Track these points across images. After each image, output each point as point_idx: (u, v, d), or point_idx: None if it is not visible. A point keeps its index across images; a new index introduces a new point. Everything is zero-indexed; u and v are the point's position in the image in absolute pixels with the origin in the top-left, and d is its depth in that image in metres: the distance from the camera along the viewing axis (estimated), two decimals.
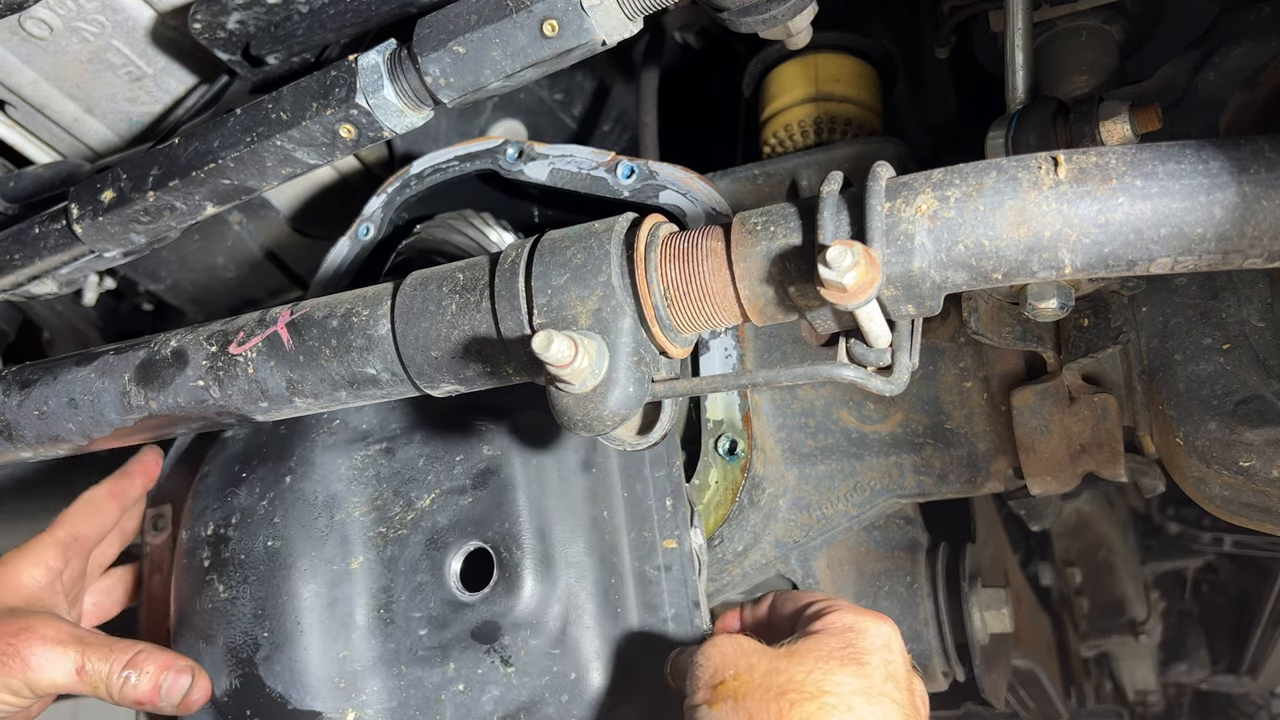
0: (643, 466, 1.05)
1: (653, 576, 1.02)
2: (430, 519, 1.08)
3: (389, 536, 1.09)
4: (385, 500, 1.11)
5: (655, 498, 1.04)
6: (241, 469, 1.18)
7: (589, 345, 0.79)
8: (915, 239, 0.74)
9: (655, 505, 1.04)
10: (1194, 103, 1.02)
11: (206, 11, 1.11)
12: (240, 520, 1.14)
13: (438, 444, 1.11)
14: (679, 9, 1.54)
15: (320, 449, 1.15)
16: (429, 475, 1.10)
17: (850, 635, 0.85)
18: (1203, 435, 0.95)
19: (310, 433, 1.17)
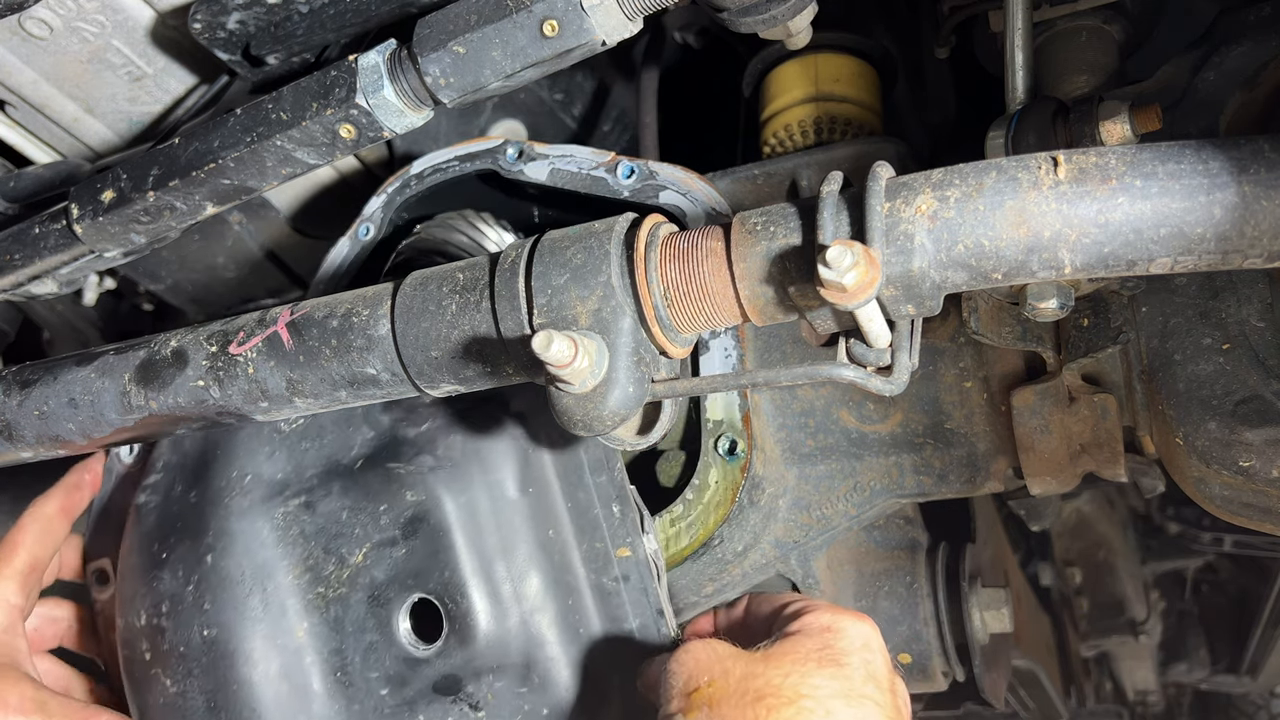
0: (582, 473, 1.01)
1: (611, 588, 0.99)
2: (367, 575, 1.02)
3: (329, 597, 1.04)
4: (316, 559, 1.05)
5: (601, 505, 1.00)
6: (160, 548, 1.11)
7: (589, 345, 0.79)
8: (915, 239, 0.74)
9: (602, 514, 1.00)
10: (1194, 103, 1.02)
11: (206, 11, 1.11)
12: (171, 609, 1.07)
13: (357, 494, 1.04)
14: (679, 9, 1.54)
15: (236, 515, 1.07)
16: (355, 529, 1.04)
17: (828, 636, 0.83)
18: (1202, 435, 0.95)
19: (222, 497, 1.09)
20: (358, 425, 1.08)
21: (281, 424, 1.09)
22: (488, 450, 1.02)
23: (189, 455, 1.15)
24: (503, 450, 1.02)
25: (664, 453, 1.19)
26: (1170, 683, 3.62)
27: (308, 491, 1.06)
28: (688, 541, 1.09)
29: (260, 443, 1.10)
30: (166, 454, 1.16)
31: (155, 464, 1.17)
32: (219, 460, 1.11)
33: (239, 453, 1.10)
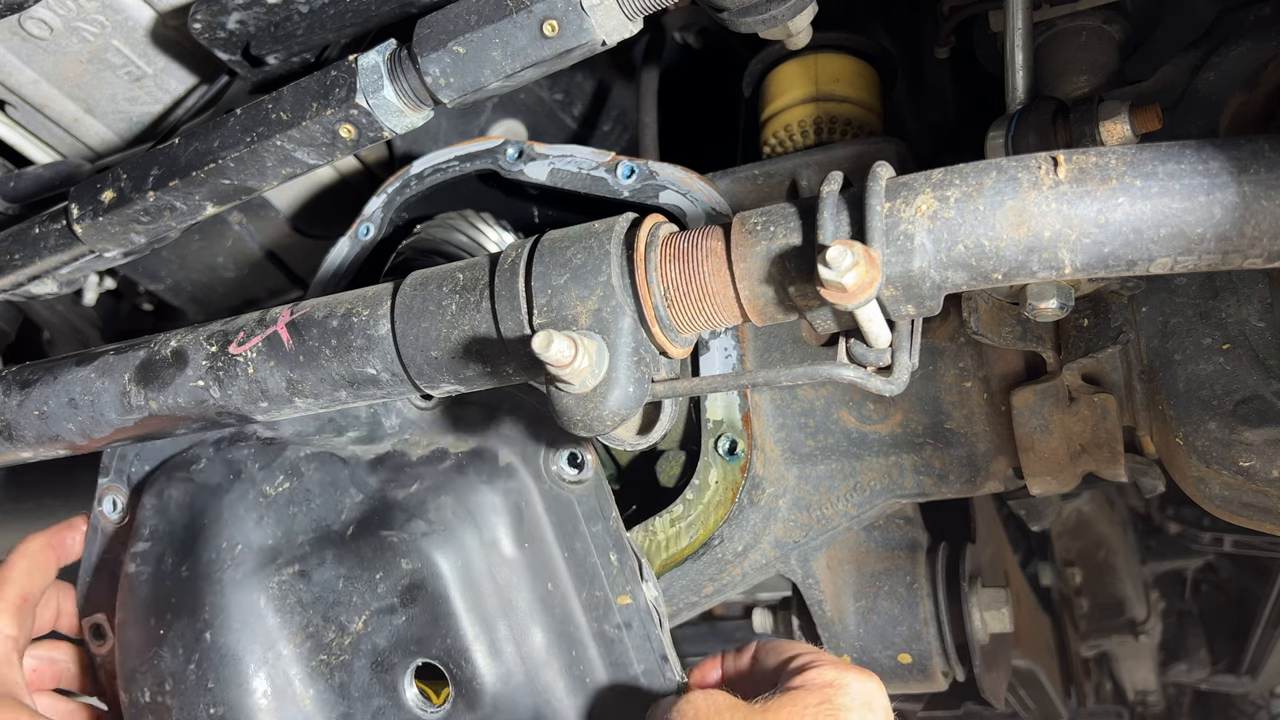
0: (578, 523, 1.00)
1: (614, 635, 0.99)
2: (369, 641, 1.02)
3: (332, 664, 1.03)
4: (316, 627, 1.04)
5: (598, 553, 1.00)
6: (157, 624, 1.09)
7: (589, 345, 0.79)
8: (915, 239, 0.74)
9: (600, 562, 1.00)
10: (1194, 103, 1.02)
11: (206, 11, 1.11)
12: (174, 687, 1.06)
13: (352, 562, 1.03)
14: (679, 9, 1.54)
15: (230, 589, 1.05)
16: (353, 597, 1.03)
17: (829, 691, 0.83)
18: (1202, 435, 0.95)
19: (214, 571, 1.07)
20: (344, 488, 1.07)
21: (266, 488, 1.08)
22: (480, 509, 1.01)
23: (176, 523, 1.12)
24: (495, 507, 1.01)
25: (664, 453, 1.19)
26: (1170, 683, 3.62)
27: (300, 560, 1.05)
28: (688, 541, 1.09)
29: (247, 509, 1.08)
30: (153, 519, 1.14)
31: (142, 529, 1.14)
32: (207, 530, 1.09)
33: (226, 520, 1.08)
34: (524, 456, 1.02)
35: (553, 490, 1.01)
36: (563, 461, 1.01)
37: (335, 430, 1.11)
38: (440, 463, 1.04)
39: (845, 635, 1.24)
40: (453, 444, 1.05)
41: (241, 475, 1.10)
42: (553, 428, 1.00)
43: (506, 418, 1.04)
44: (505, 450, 1.03)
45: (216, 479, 1.11)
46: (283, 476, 1.09)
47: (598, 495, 1.00)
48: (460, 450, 1.04)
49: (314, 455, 1.09)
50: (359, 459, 1.08)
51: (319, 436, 1.11)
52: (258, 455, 1.11)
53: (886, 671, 1.25)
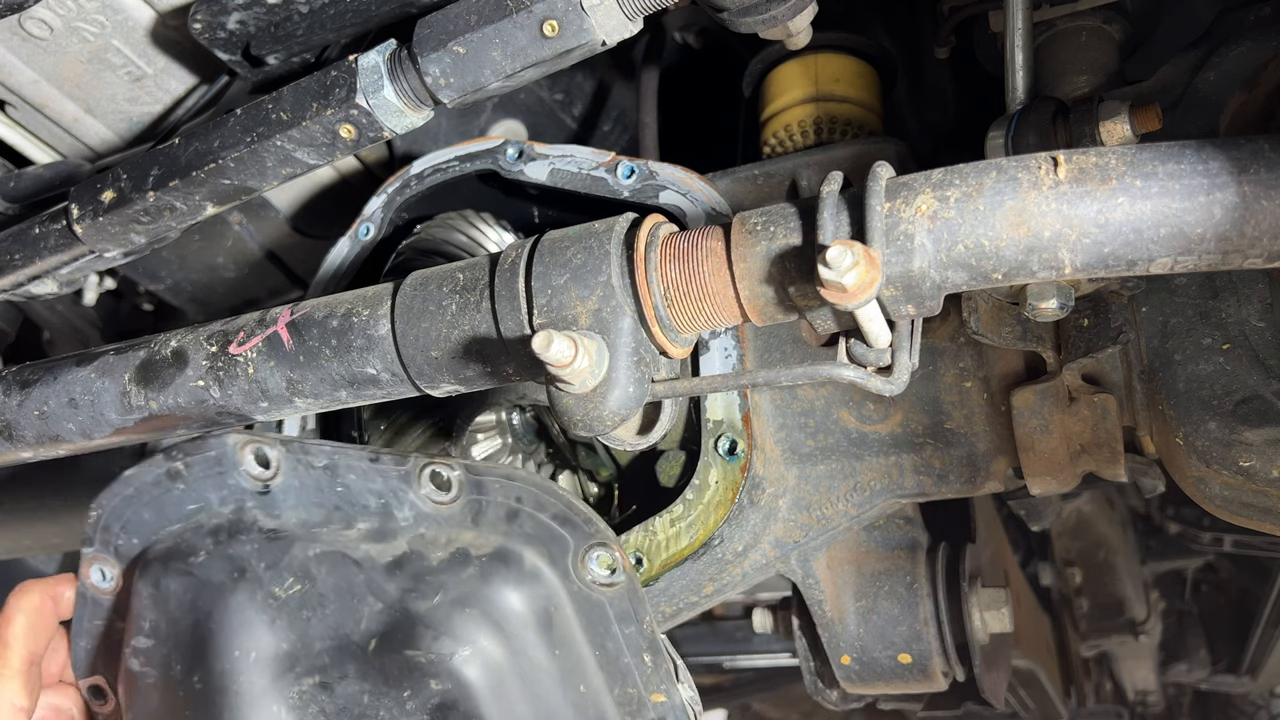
0: (609, 625, 0.97)
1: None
2: None
3: None
4: None
5: (631, 654, 0.97)
6: None
7: (589, 345, 0.79)
8: (915, 239, 0.74)
9: (633, 662, 0.97)
10: (1194, 103, 1.02)
11: (206, 12, 1.11)
12: None
13: (376, 679, 0.99)
14: (679, 9, 1.54)
15: (249, 704, 1.00)
16: (380, 712, 0.99)
17: None
18: (1202, 435, 0.95)
19: (229, 684, 1.01)
20: (361, 595, 1.02)
21: (276, 589, 1.03)
22: (509, 620, 0.96)
23: (179, 623, 1.06)
24: (524, 617, 0.97)
25: (664, 453, 1.19)
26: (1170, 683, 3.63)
27: (321, 671, 1.01)
28: (688, 542, 1.09)
29: (257, 611, 1.03)
30: (152, 613, 1.08)
31: (141, 623, 1.09)
32: (216, 636, 1.03)
33: (236, 627, 1.03)
34: (551, 558, 0.98)
35: (582, 592, 0.98)
36: (593, 564, 0.97)
37: (344, 522, 1.04)
38: (462, 569, 1.00)
39: (845, 635, 1.24)
40: (473, 544, 1.00)
41: (246, 574, 1.04)
42: (580, 526, 0.97)
43: (529, 515, 0.99)
44: (530, 552, 0.99)
45: (220, 576, 1.05)
46: (292, 579, 1.03)
47: (630, 598, 0.97)
48: (482, 553, 0.99)
49: (325, 555, 1.03)
50: (374, 561, 1.02)
51: (327, 530, 1.04)
52: (263, 552, 1.04)
53: (886, 671, 1.25)
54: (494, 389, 1.22)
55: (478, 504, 1.01)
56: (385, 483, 1.02)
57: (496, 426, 1.40)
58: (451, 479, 1.00)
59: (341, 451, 1.03)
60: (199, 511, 1.08)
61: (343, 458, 1.03)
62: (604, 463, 1.34)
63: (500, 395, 1.34)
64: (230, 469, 1.06)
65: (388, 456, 1.02)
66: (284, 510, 1.06)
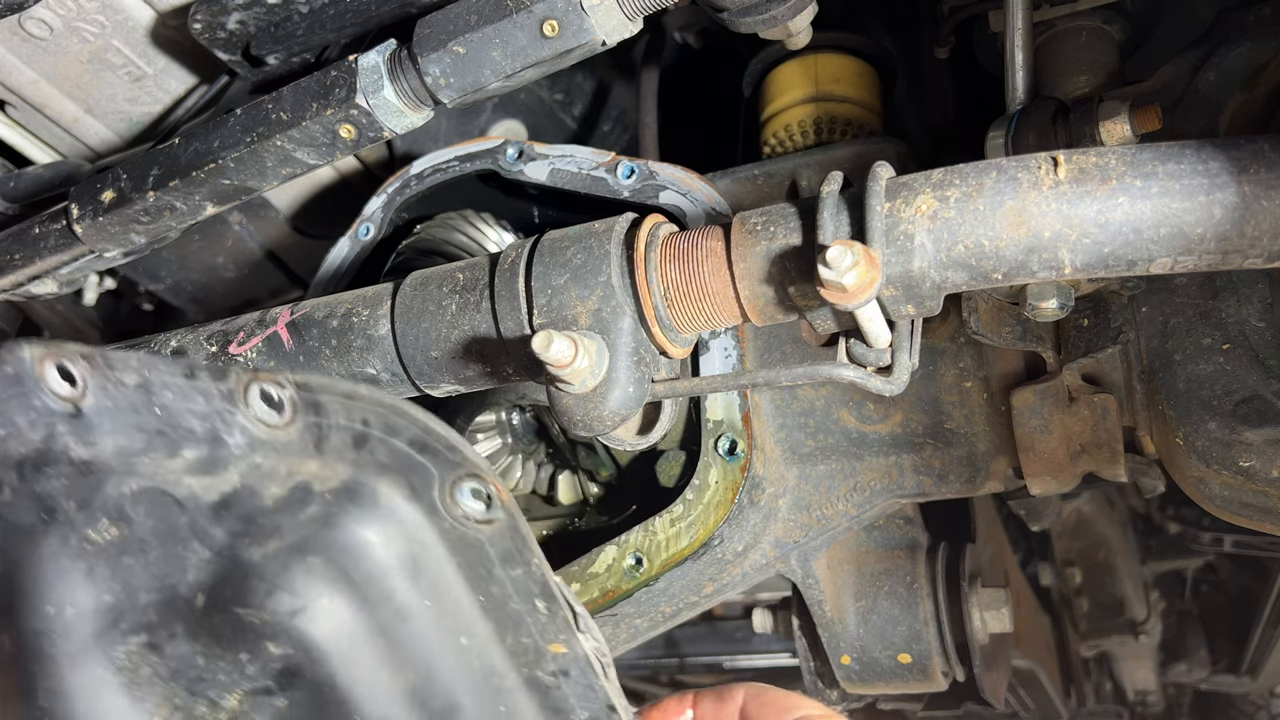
0: (491, 565, 0.84)
1: (550, 682, 0.85)
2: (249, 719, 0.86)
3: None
4: (183, 700, 0.87)
5: (520, 600, 0.84)
6: None
7: (589, 345, 0.79)
8: (915, 239, 0.74)
9: (524, 609, 0.85)
10: (1194, 103, 1.02)
11: (206, 12, 1.11)
12: None
13: (207, 640, 0.85)
14: (679, 9, 1.54)
15: (66, 666, 0.86)
16: (218, 675, 0.85)
17: None
18: (1203, 435, 0.95)
19: (42, 645, 0.87)
20: (185, 541, 0.87)
21: (91, 532, 0.88)
22: (363, 568, 0.82)
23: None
24: (383, 564, 0.82)
25: (664, 453, 1.19)
26: (1170, 683, 3.62)
27: (148, 629, 0.86)
28: (688, 542, 1.09)
29: (71, 559, 0.87)
30: None
31: None
32: (26, 590, 0.88)
33: (48, 577, 0.87)
34: (412, 491, 0.84)
35: (455, 530, 0.84)
36: (464, 496, 0.83)
37: (167, 449, 0.87)
38: (302, 508, 0.85)
39: (845, 635, 1.24)
40: (317, 476, 0.86)
41: (57, 515, 0.88)
42: (445, 454, 0.83)
43: (380, 440, 0.85)
44: (385, 485, 0.84)
45: (27, 518, 0.88)
46: (107, 520, 0.88)
47: (513, 537, 0.83)
48: (328, 488, 0.85)
49: (142, 493, 0.88)
50: (198, 500, 0.87)
51: (148, 459, 0.88)
52: (72, 489, 0.88)
53: (886, 671, 1.25)
54: (494, 389, 1.22)
55: (318, 428, 0.86)
56: (208, 401, 0.86)
57: (496, 426, 1.40)
58: (283, 398, 0.84)
59: (152, 366, 0.86)
60: (5, 440, 0.89)
61: (155, 374, 0.86)
62: (604, 463, 1.34)
63: (500, 395, 1.34)
64: (33, 387, 0.87)
65: (205, 372, 0.86)
66: (99, 436, 0.88)
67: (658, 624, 1.21)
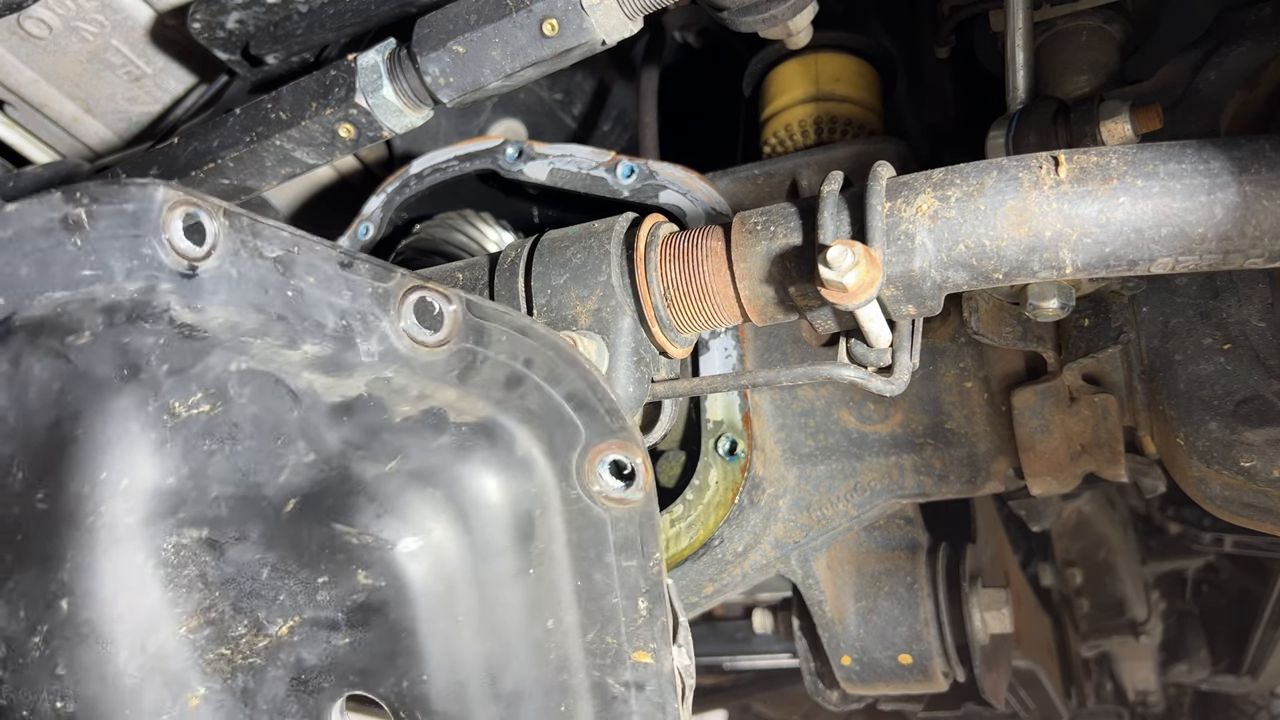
0: (604, 550, 0.76)
1: (619, 693, 0.77)
2: (292, 653, 0.77)
3: (236, 663, 0.77)
4: (222, 614, 0.77)
5: (623, 594, 0.76)
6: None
7: (589, 345, 0.78)
8: (916, 239, 0.74)
9: (623, 605, 0.76)
10: (1194, 102, 1.02)
11: (206, 11, 1.11)
12: (8, 656, 0.75)
13: (284, 551, 0.76)
14: (679, 8, 1.54)
15: (105, 542, 0.74)
16: (280, 595, 0.76)
17: None
18: (1203, 435, 0.95)
19: (84, 512, 0.74)
20: (291, 438, 0.77)
21: (175, 403, 0.76)
22: (480, 515, 0.76)
23: (35, 420, 0.77)
24: (500, 517, 0.76)
25: (664, 453, 1.19)
26: (1171, 683, 3.62)
27: (212, 525, 0.76)
28: (688, 542, 1.09)
29: (143, 426, 0.75)
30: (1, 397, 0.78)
31: None
32: (80, 447, 0.75)
33: (110, 440, 0.75)
34: (551, 448, 0.77)
35: (580, 502, 0.76)
36: (604, 468, 0.75)
37: (286, 337, 0.78)
38: (435, 435, 0.77)
39: (845, 636, 1.23)
40: (454, 405, 0.78)
41: (141, 374, 0.76)
42: (603, 418, 0.75)
43: (536, 386, 0.77)
44: (526, 433, 0.77)
45: (104, 369, 0.76)
46: (201, 394, 0.76)
47: (642, 524, 0.75)
48: (463, 421, 0.77)
49: (252, 374, 0.77)
50: (317, 397, 0.78)
51: (262, 343, 0.77)
52: (169, 351, 0.76)
53: (887, 672, 1.24)
54: None
55: (471, 356, 0.78)
56: (355, 299, 0.78)
57: None
58: (445, 313, 0.77)
59: (305, 245, 0.77)
60: (95, 280, 0.77)
61: (304, 252, 0.77)
62: None
63: None
64: (150, 233, 0.75)
65: (365, 265, 0.78)
66: (210, 304, 0.77)
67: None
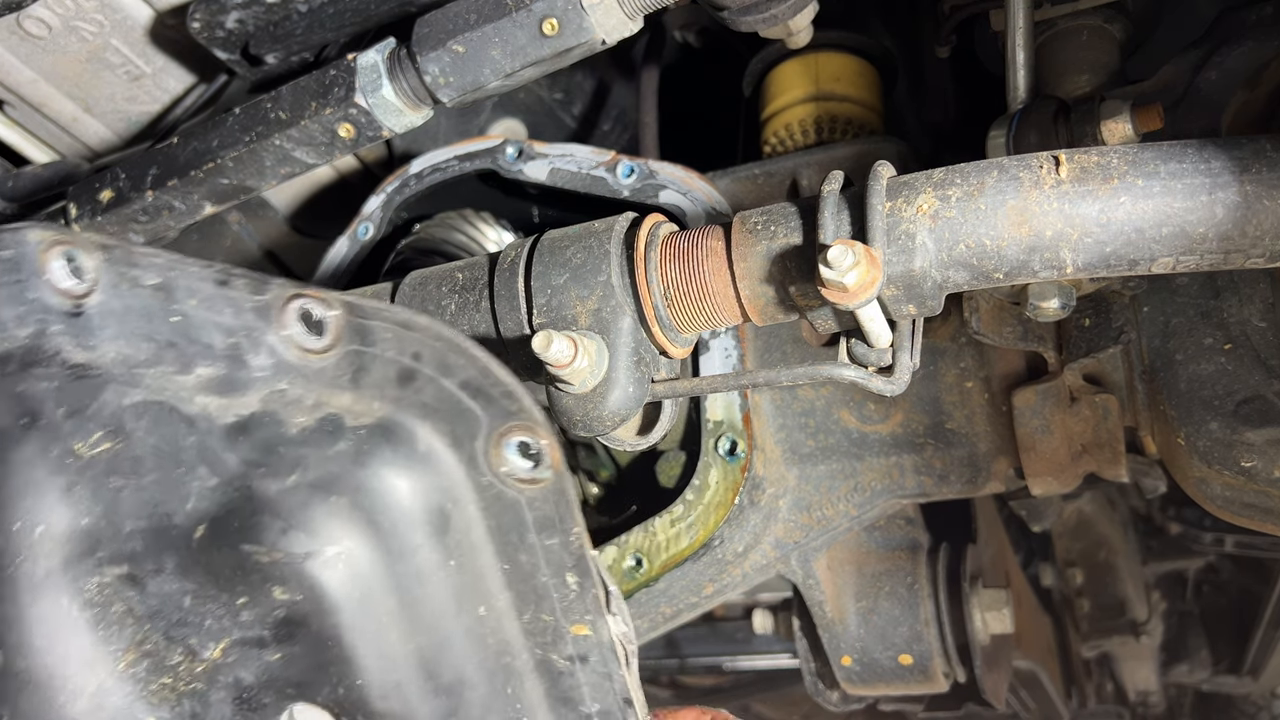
0: (525, 532, 0.75)
1: (564, 668, 0.77)
2: (230, 674, 0.77)
3: (180, 690, 0.78)
4: (156, 645, 0.78)
5: (550, 573, 0.76)
6: None
7: (589, 345, 0.78)
8: (916, 238, 0.74)
9: (552, 583, 0.76)
10: (1195, 102, 1.01)
11: (205, 11, 1.11)
12: None
13: (201, 578, 0.77)
14: (679, 8, 1.54)
15: (27, 592, 0.76)
16: (206, 620, 0.77)
17: None
18: (1204, 435, 0.95)
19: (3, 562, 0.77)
20: (191, 465, 0.77)
21: (78, 445, 0.78)
22: (390, 516, 0.75)
23: None
24: (411, 515, 0.75)
25: (664, 453, 1.19)
26: (1171, 683, 3.62)
27: (130, 560, 0.77)
28: (688, 542, 1.08)
29: (49, 472, 0.77)
30: None
31: None
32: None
33: (19, 490, 0.77)
34: (454, 439, 0.75)
35: (493, 487, 0.75)
36: (510, 451, 0.73)
37: (178, 363, 0.77)
38: (332, 443, 0.76)
39: (846, 636, 1.23)
40: (350, 409, 0.76)
41: (40, 421, 0.77)
42: (500, 402, 0.73)
43: (429, 379, 0.75)
44: (426, 428, 0.75)
45: (3, 420, 0.78)
46: (101, 433, 0.77)
47: (557, 501, 0.74)
48: (361, 424, 0.76)
49: (147, 406, 0.77)
50: (212, 421, 0.77)
51: (154, 372, 0.78)
52: (64, 394, 0.78)
53: (887, 672, 1.24)
54: None
55: (359, 357, 0.76)
56: (237, 315, 0.77)
57: None
58: (327, 320, 0.76)
59: (180, 267, 0.77)
60: None
61: (183, 276, 0.77)
62: (604, 463, 1.33)
63: None
64: (31, 276, 0.76)
65: (242, 280, 0.76)
66: (100, 340, 0.78)
67: (658, 625, 1.21)
